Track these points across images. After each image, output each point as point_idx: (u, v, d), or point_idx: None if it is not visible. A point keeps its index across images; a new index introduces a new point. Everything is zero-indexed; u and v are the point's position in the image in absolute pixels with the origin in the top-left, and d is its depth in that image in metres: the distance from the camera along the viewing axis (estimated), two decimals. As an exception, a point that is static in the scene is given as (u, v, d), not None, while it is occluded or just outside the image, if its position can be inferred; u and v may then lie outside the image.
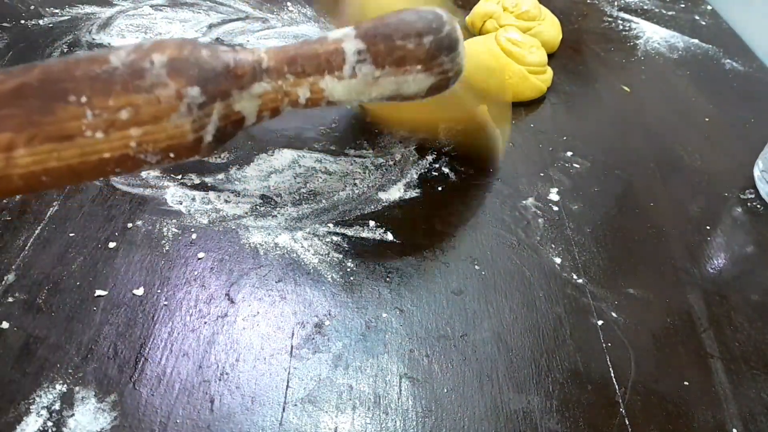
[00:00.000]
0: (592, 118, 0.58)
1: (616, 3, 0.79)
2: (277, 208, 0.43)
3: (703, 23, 0.77)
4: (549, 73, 0.59)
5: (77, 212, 0.40)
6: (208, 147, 0.31)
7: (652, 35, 0.73)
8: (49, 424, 0.30)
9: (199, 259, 0.39)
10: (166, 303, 0.36)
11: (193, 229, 0.41)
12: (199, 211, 0.42)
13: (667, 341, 0.39)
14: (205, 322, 0.36)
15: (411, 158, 0.49)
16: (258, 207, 0.43)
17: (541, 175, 0.50)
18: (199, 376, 0.33)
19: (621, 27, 0.74)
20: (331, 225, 0.43)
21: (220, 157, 0.46)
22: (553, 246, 0.44)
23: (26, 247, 0.38)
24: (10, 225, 0.39)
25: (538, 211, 0.47)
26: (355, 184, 0.46)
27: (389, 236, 0.43)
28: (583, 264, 0.43)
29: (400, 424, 0.33)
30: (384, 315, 0.38)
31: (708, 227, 0.48)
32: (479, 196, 0.47)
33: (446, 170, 0.49)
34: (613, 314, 0.40)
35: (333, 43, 0.33)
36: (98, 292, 0.36)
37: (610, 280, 0.42)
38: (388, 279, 0.40)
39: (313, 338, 0.36)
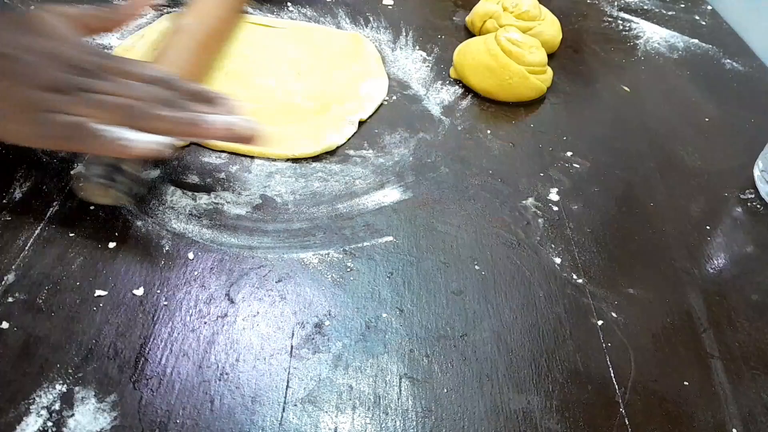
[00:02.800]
0: (592, 118, 0.58)
1: (616, 3, 0.79)
2: (278, 208, 0.43)
3: (703, 23, 0.77)
4: (549, 73, 0.59)
5: (77, 212, 0.40)
6: None
7: (652, 35, 0.73)
8: (49, 424, 0.30)
9: (199, 259, 0.39)
10: (166, 303, 0.36)
11: (193, 229, 0.41)
12: (199, 210, 0.42)
13: (667, 341, 0.39)
14: (205, 322, 0.36)
15: (410, 158, 0.49)
16: (258, 207, 0.43)
17: (541, 175, 0.50)
18: (199, 376, 0.33)
19: (621, 27, 0.74)
20: (331, 225, 0.43)
21: (220, 156, 0.46)
22: (553, 246, 0.44)
23: (26, 247, 0.38)
24: (10, 225, 0.39)
25: (538, 211, 0.47)
26: (355, 184, 0.46)
27: (389, 236, 0.43)
28: (583, 264, 0.43)
29: (400, 424, 0.33)
30: (384, 315, 0.38)
31: (708, 227, 0.48)
32: (479, 196, 0.47)
33: (446, 170, 0.49)
34: (613, 314, 0.40)
35: None
36: (98, 292, 0.36)
37: (610, 280, 0.42)
38: (388, 279, 0.40)
39: (313, 338, 0.36)
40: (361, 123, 0.52)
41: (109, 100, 0.37)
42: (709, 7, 0.81)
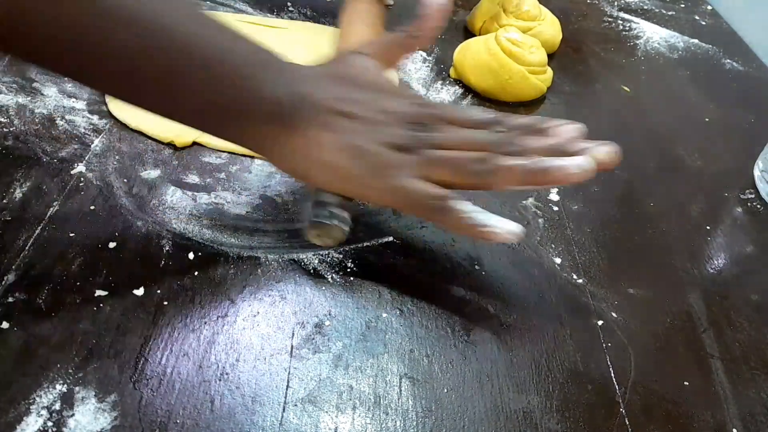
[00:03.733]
0: (592, 119, 0.58)
1: (616, 3, 0.79)
2: (278, 208, 0.43)
3: (703, 23, 0.77)
4: (549, 73, 0.59)
5: (77, 212, 0.40)
6: None
7: (652, 35, 0.73)
8: (49, 424, 0.30)
9: (199, 259, 0.39)
10: (166, 303, 0.36)
11: (193, 229, 0.41)
12: (199, 210, 0.42)
13: (667, 341, 0.39)
14: (205, 322, 0.36)
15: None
16: (258, 207, 0.43)
17: (541, 175, 0.50)
18: (199, 376, 0.33)
19: (621, 27, 0.74)
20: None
21: (220, 156, 0.46)
22: (553, 246, 0.44)
23: (26, 247, 0.38)
24: (10, 225, 0.39)
25: (538, 211, 0.47)
26: (355, 184, 0.46)
27: (389, 236, 0.43)
28: (583, 264, 0.43)
29: (400, 424, 0.33)
30: (384, 315, 0.38)
31: (708, 227, 0.48)
32: (479, 196, 0.47)
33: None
34: (613, 314, 0.40)
35: None
36: (98, 292, 0.36)
37: (610, 280, 0.42)
38: (388, 279, 0.40)
39: (313, 338, 0.36)
40: None
41: (453, 156, 0.35)
42: (709, 7, 0.81)
